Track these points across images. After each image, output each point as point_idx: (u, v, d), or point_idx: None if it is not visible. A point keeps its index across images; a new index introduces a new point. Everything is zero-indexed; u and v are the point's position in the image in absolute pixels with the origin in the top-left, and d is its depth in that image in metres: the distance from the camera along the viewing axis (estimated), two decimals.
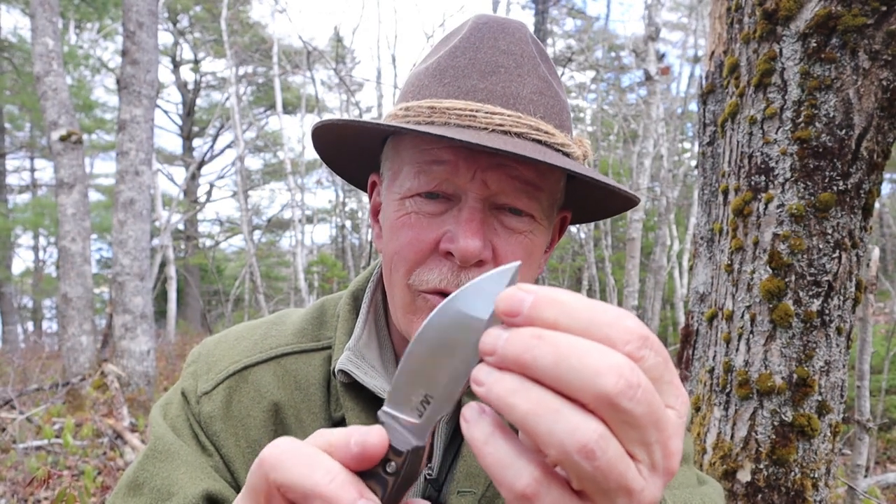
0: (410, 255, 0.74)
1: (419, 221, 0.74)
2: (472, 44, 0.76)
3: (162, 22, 18.89)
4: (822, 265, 1.53)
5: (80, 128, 8.35)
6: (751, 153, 1.64)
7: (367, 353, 0.82)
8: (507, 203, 0.73)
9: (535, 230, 0.76)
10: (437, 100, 0.74)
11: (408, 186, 0.75)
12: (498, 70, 0.74)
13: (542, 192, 0.75)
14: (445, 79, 0.75)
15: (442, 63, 0.77)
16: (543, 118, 0.74)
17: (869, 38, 1.43)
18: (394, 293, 0.78)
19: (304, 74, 14.89)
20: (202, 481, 0.74)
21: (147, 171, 6.68)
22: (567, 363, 0.35)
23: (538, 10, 10.30)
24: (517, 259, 0.74)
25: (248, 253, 12.86)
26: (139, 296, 6.51)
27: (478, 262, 0.72)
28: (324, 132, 0.81)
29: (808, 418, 1.55)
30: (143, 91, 6.53)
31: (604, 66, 13.00)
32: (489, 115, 0.71)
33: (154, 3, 6.69)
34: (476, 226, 0.70)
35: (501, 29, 0.77)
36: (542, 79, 0.76)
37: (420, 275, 0.73)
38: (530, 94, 0.74)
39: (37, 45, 6.69)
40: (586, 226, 12.38)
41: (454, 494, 0.77)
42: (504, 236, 0.74)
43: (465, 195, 0.72)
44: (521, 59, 0.76)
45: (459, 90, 0.74)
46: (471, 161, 0.71)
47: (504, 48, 0.76)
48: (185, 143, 22.84)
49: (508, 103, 0.73)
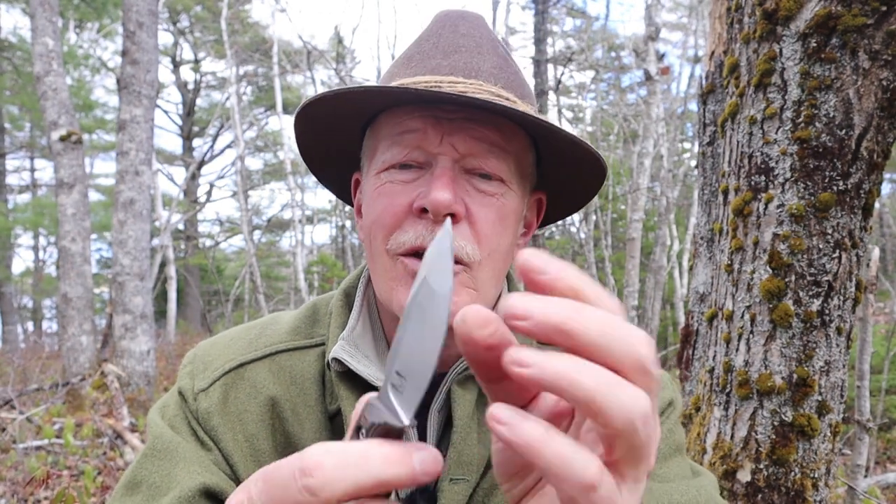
0: (387, 220, 0.77)
1: (393, 189, 0.77)
2: (434, 32, 0.84)
3: (162, 22, 18.90)
4: (822, 265, 1.53)
5: (80, 128, 8.35)
6: (751, 153, 1.64)
7: (361, 343, 0.84)
8: (477, 166, 0.77)
9: (506, 194, 0.79)
10: (404, 79, 0.79)
11: (382, 160, 0.79)
12: (459, 49, 0.81)
13: (509, 154, 0.78)
14: (412, 63, 0.82)
15: (408, 51, 0.84)
16: (505, 88, 0.80)
17: (869, 38, 1.43)
18: (375, 265, 0.80)
19: (304, 74, 14.89)
20: (199, 475, 0.75)
21: (147, 171, 6.68)
22: (612, 333, 0.36)
23: (538, 10, 10.29)
24: (490, 219, 0.77)
25: (248, 253, 12.86)
26: (139, 296, 6.51)
27: (452, 217, 0.74)
28: (303, 127, 0.85)
29: (808, 418, 1.55)
30: (143, 91, 6.53)
31: (604, 66, 13.01)
32: (452, 84, 0.77)
33: (154, 3, 6.69)
34: (446, 181, 0.74)
35: (461, 17, 0.85)
36: (501, 57, 0.83)
37: (397, 238, 0.76)
38: (491, 68, 0.80)
39: (37, 45, 6.69)
40: (586, 226, 12.39)
41: (447, 482, 0.77)
42: (476, 198, 0.77)
43: (435, 160, 0.76)
44: (480, 41, 0.82)
45: (425, 69, 0.80)
46: (437, 127, 0.75)
47: (464, 32, 0.83)
48: (185, 143, 22.84)
49: (470, 75, 0.79)
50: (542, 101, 9.80)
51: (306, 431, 0.82)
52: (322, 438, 0.82)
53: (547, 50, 10.45)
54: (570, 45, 15.84)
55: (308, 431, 0.82)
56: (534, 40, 10.42)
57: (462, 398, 0.80)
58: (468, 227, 0.76)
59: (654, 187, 10.78)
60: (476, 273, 0.77)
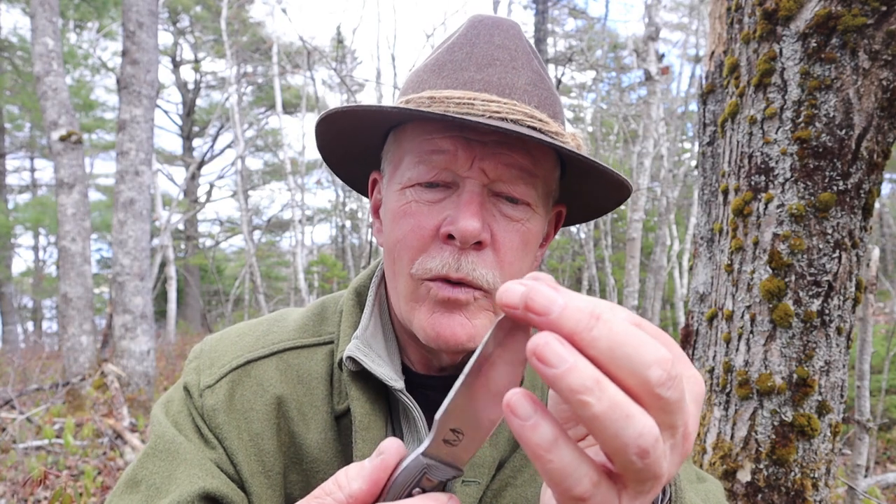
0: (413, 243, 0.76)
1: (420, 209, 0.76)
2: (468, 40, 0.80)
3: (162, 22, 18.90)
4: (822, 265, 1.53)
5: (80, 128, 8.35)
6: (751, 153, 1.64)
7: (373, 342, 0.84)
8: (505, 191, 0.76)
9: (531, 219, 0.78)
10: (435, 90, 0.77)
11: (408, 176, 0.77)
12: (494, 63, 0.78)
13: (538, 178, 0.77)
14: (444, 72, 0.78)
15: (440, 59, 0.81)
16: (538, 107, 0.78)
17: (869, 38, 1.43)
18: (397, 283, 0.79)
19: (304, 74, 14.89)
20: (200, 479, 0.74)
21: (147, 171, 6.68)
22: (622, 350, 0.36)
23: (538, 10, 10.29)
24: (514, 245, 0.77)
25: (248, 253, 12.86)
26: (139, 296, 6.51)
27: (477, 245, 0.74)
28: (326, 127, 0.82)
29: (808, 418, 1.55)
30: (143, 91, 6.53)
31: (604, 67, 13.01)
32: (486, 102, 0.74)
33: (154, 3, 6.69)
34: (475, 208, 0.73)
35: (496, 26, 0.81)
36: (535, 72, 0.80)
37: (423, 263, 0.75)
38: (525, 84, 0.78)
39: (37, 45, 6.69)
40: (586, 226, 12.38)
41: (458, 484, 0.77)
42: (502, 223, 0.76)
43: (463, 182, 0.75)
44: (515, 53, 0.79)
45: (457, 81, 0.77)
46: (468, 150, 0.74)
47: (499, 43, 0.79)
48: (185, 143, 22.83)
49: (504, 93, 0.76)
50: None
51: (311, 432, 0.81)
52: (327, 439, 0.81)
53: (547, 50, 10.44)
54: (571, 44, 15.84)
55: (313, 432, 0.81)
56: (534, 40, 10.41)
57: None
58: (492, 254, 0.76)
59: (654, 187, 10.78)
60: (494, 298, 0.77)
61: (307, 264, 14.41)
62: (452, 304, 0.74)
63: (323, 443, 0.81)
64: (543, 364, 0.35)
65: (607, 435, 0.35)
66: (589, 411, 0.35)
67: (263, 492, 0.78)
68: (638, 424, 0.35)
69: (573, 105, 20.05)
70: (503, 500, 0.79)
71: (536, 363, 0.35)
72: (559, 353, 0.35)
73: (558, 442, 0.37)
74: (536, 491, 0.80)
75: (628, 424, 0.35)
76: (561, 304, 0.36)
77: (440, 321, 0.75)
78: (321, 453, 0.80)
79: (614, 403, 0.35)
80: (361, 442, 0.77)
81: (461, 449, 0.42)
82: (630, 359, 0.36)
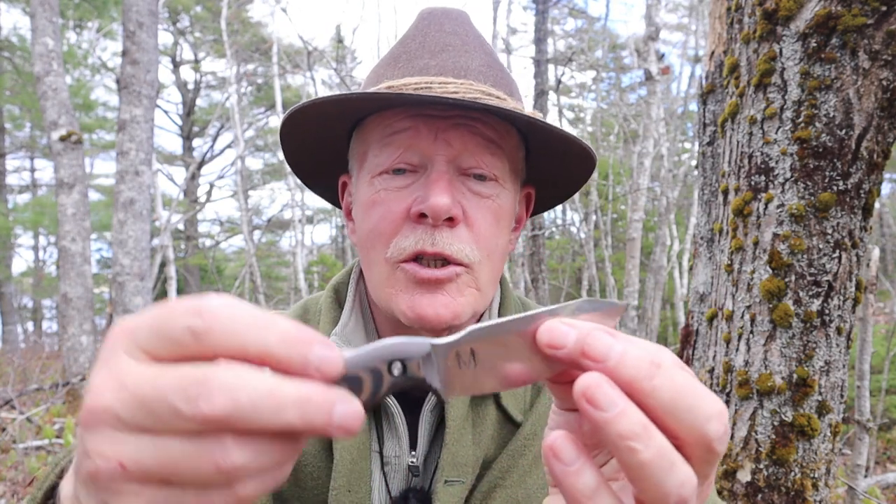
0: (385, 228, 0.76)
1: (389, 196, 0.77)
2: (420, 31, 0.83)
3: (162, 22, 18.88)
4: (822, 265, 1.53)
5: (80, 128, 8.35)
6: (751, 153, 1.64)
7: (353, 338, 0.84)
8: (472, 165, 0.76)
9: (501, 194, 0.79)
10: (393, 80, 0.78)
11: (375, 163, 0.78)
12: (447, 48, 0.80)
13: (503, 150, 0.78)
14: (399, 63, 0.80)
15: (395, 51, 0.83)
16: (494, 86, 0.79)
17: (869, 38, 1.43)
18: (372, 273, 0.80)
19: (304, 74, 14.89)
20: None
21: (147, 171, 6.68)
22: (684, 402, 0.35)
23: (538, 10, 10.29)
24: (487, 221, 0.77)
25: (248, 253, 12.86)
26: (139, 296, 6.51)
27: (449, 221, 0.74)
28: (290, 136, 0.84)
29: (808, 418, 1.55)
30: (143, 91, 6.53)
31: (604, 66, 13.01)
32: (443, 84, 0.75)
33: (154, 3, 6.69)
34: (444, 185, 0.73)
35: (446, 15, 0.84)
36: (488, 54, 0.82)
37: (397, 244, 0.75)
38: (479, 66, 0.79)
39: (37, 45, 6.69)
40: (586, 226, 12.37)
41: (441, 483, 0.77)
42: (473, 201, 0.76)
43: (430, 162, 0.75)
44: (466, 38, 0.82)
45: (413, 69, 0.78)
46: (430, 124, 0.75)
47: (450, 30, 0.82)
48: (185, 143, 22.82)
49: (460, 74, 0.77)
50: (542, 101, 9.79)
51: None
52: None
53: (547, 50, 10.45)
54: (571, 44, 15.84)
55: None
56: (534, 40, 10.42)
57: (456, 399, 0.79)
58: (466, 229, 0.76)
59: (654, 187, 10.77)
60: (477, 273, 0.77)
61: (307, 264, 14.41)
62: (433, 283, 0.74)
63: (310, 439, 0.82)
64: (593, 406, 0.35)
65: (651, 483, 0.35)
66: (636, 458, 0.34)
67: None
68: (681, 474, 0.35)
69: (573, 105, 20.05)
70: (493, 501, 0.79)
71: (585, 405, 0.35)
72: (611, 396, 0.35)
73: (601, 490, 0.36)
74: (526, 492, 0.80)
75: (672, 473, 0.35)
76: (619, 351, 0.35)
77: (420, 302, 0.75)
78: (308, 447, 0.81)
79: (661, 451, 0.35)
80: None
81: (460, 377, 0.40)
82: (691, 411, 0.35)
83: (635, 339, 0.38)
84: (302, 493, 0.80)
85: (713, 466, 0.38)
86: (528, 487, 0.80)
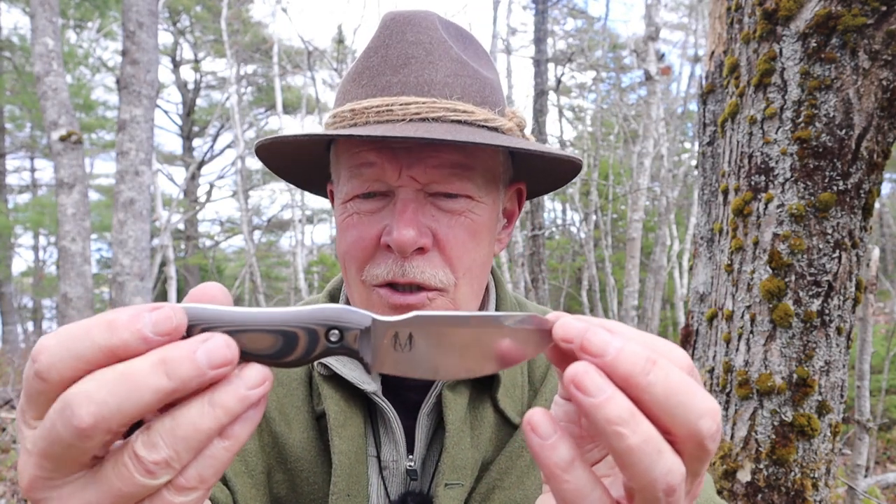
0: (357, 254, 0.77)
1: (360, 221, 0.77)
2: (382, 42, 0.79)
3: (162, 22, 18.89)
4: (822, 265, 1.53)
5: (80, 128, 8.36)
6: (751, 153, 1.64)
7: None
8: (440, 190, 0.76)
9: (475, 208, 0.78)
10: (356, 101, 0.77)
11: (346, 190, 0.78)
12: (409, 62, 0.77)
13: (474, 170, 0.77)
14: (363, 80, 0.79)
15: (358, 66, 0.81)
16: (461, 98, 0.77)
17: (869, 38, 1.43)
18: (352, 290, 0.81)
19: (304, 74, 14.89)
20: None
21: (147, 171, 6.68)
22: (677, 398, 0.36)
23: (538, 10, 10.29)
24: (460, 240, 0.76)
25: (248, 253, 12.86)
26: (139, 296, 6.51)
27: (419, 251, 0.74)
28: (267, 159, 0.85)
29: (808, 418, 1.55)
30: (143, 91, 6.53)
31: (604, 66, 13.01)
32: (405, 105, 0.74)
33: (154, 3, 6.69)
34: (409, 216, 0.73)
35: (408, 22, 0.80)
36: (455, 61, 0.78)
37: (370, 270, 0.76)
38: (444, 77, 0.77)
39: (37, 45, 6.69)
40: (586, 226, 12.37)
41: (441, 487, 0.77)
42: (444, 220, 0.76)
43: (397, 191, 0.75)
44: (430, 47, 0.78)
45: (375, 88, 0.77)
46: (394, 161, 0.74)
47: (412, 40, 0.78)
48: (185, 143, 22.82)
49: (423, 91, 0.75)
50: (542, 101, 9.79)
51: (294, 432, 0.83)
52: (310, 438, 0.83)
53: (547, 50, 10.44)
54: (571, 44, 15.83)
55: (296, 431, 0.83)
56: (534, 40, 10.41)
57: (454, 402, 0.80)
58: (438, 254, 0.76)
59: (654, 187, 10.77)
60: (454, 295, 0.77)
61: (307, 264, 14.41)
62: (407, 308, 0.75)
63: (306, 442, 0.82)
64: (581, 392, 0.36)
65: (638, 469, 0.36)
66: (623, 443, 0.35)
67: (248, 491, 0.79)
68: (668, 461, 0.36)
69: (573, 105, 20.04)
70: (492, 503, 0.79)
71: (574, 391, 0.36)
72: (598, 383, 0.36)
73: (575, 463, 0.37)
74: (525, 494, 0.80)
75: (659, 460, 0.36)
76: (616, 347, 0.36)
77: None
78: (304, 452, 0.82)
79: (648, 437, 0.35)
80: (338, 439, 0.78)
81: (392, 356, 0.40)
82: (684, 407, 0.36)
83: (638, 336, 0.39)
84: (299, 498, 0.80)
85: (704, 464, 0.38)
86: (527, 489, 0.80)
